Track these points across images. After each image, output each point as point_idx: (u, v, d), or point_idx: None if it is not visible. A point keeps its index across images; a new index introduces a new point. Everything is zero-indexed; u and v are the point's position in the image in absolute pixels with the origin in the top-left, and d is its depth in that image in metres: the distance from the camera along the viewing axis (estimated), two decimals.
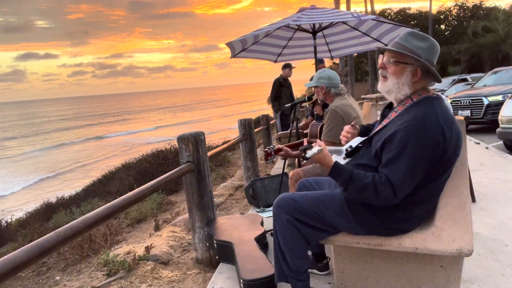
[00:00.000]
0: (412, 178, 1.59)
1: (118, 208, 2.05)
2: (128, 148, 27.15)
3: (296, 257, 1.87)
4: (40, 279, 3.75)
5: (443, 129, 1.57)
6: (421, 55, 1.64)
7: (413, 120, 1.59)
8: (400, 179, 1.57)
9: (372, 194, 1.61)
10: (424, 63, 1.64)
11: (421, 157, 1.56)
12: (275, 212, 1.90)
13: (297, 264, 1.87)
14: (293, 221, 1.84)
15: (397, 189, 1.58)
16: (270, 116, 7.57)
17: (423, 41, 1.67)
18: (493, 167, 5.07)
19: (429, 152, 1.56)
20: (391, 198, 1.60)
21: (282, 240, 1.88)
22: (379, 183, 1.59)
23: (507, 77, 9.89)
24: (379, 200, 1.62)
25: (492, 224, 3.08)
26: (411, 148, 1.55)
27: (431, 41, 1.68)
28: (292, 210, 1.84)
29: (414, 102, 1.68)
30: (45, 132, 46.98)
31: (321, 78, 2.90)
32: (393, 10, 35.91)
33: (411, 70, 1.67)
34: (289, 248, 1.87)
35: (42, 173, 21.32)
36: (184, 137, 2.87)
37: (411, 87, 1.69)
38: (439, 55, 1.74)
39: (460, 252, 1.72)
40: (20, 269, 1.38)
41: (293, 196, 1.89)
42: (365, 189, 1.62)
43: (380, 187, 1.59)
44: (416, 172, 1.58)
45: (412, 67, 1.67)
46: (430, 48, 1.66)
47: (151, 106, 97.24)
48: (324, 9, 4.82)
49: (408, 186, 1.60)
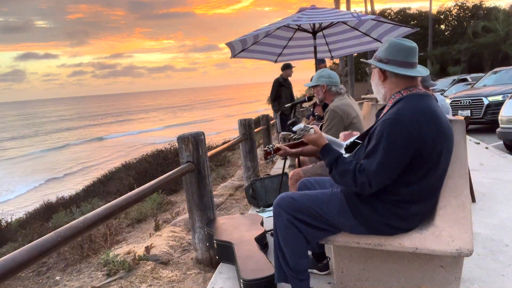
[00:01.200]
0: (386, 170, 1.64)
1: (118, 208, 2.05)
2: (135, 148, 27.01)
3: (296, 256, 1.88)
4: (40, 279, 3.74)
5: (419, 122, 1.62)
6: (380, 57, 1.80)
7: (390, 115, 1.68)
8: (374, 170, 1.65)
9: (351, 180, 1.71)
10: (378, 64, 1.80)
11: (393, 149, 1.62)
12: (275, 211, 1.91)
13: (297, 263, 1.88)
14: (293, 220, 1.86)
15: (371, 179, 1.66)
16: (270, 116, 7.57)
17: (384, 44, 1.82)
18: (493, 167, 5.07)
19: (402, 144, 1.62)
20: (366, 186, 1.68)
21: (282, 239, 1.89)
22: (358, 171, 1.69)
23: (507, 77, 9.89)
24: (356, 187, 1.71)
25: (492, 224, 3.08)
26: (384, 141, 1.64)
27: (390, 42, 1.79)
28: (292, 209, 1.86)
29: (397, 99, 1.76)
30: (51, 132, 46.71)
31: (322, 76, 2.91)
32: (393, 10, 35.96)
33: (377, 72, 1.85)
34: (289, 247, 1.88)
35: (49, 174, 21.22)
36: (184, 137, 2.87)
37: (383, 86, 1.84)
38: (439, 55, 1.78)
39: (460, 252, 1.72)
40: (20, 269, 1.38)
41: (293, 195, 1.90)
42: (346, 174, 1.72)
43: (358, 175, 1.69)
44: (389, 164, 1.64)
45: (376, 70, 1.85)
46: (388, 48, 1.78)
47: (154, 106, 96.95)
48: (324, 9, 4.82)
49: (382, 177, 1.66)
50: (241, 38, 4.75)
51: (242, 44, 5.16)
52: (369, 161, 1.67)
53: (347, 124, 2.74)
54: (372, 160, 1.66)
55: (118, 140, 34.51)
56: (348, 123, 2.75)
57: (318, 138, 1.88)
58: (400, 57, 1.75)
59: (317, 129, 1.91)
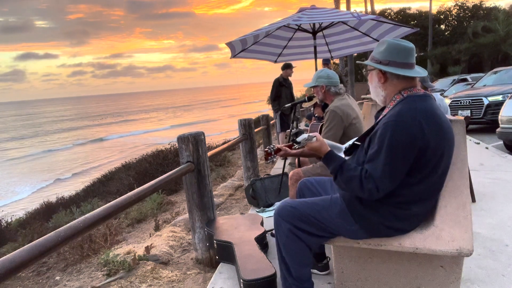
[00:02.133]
0: (392, 173, 1.63)
1: (118, 208, 2.05)
2: (139, 148, 26.81)
3: (299, 265, 1.88)
4: (40, 279, 3.75)
5: (421, 123, 1.61)
6: (379, 58, 1.77)
7: (391, 116, 1.66)
8: (380, 174, 1.63)
9: (358, 186, 1.68)
10: (378, 66, 1.77)
11: (397, 151, 1.61)
12: (275, 221, 1.91)
13: (299, 272, 1.88)
14: (294, 230, 1.85)
15: (378, 184, 1.63)
16: (270, 116, 7.57)
17: (381, 45, 1.80)
18: (493, 167, 5.07)
19: (405, 146, 1.60)
20: (374, 191, 1.65)
21: (284, 248, 1.89)
22: (364, 177, 1.66)
23: (507, 77, 9.89)
24: (363, 193, 1.68)
25: (492, 224, 3.08)
26: (387, 143, 1.62)
27: (388, 43, 1.77)
28: (293, 218, 1.85)
29: (397, 101, 1.74)
30: (53, 133, 46.50)
31: (320, 77, 2.90)
32: (393, 10, 35.94)
33: (376, 74, 1.82)
34: (292, 257, 1.87)
35: (61, 174, 21.15)
36: (184, 137, 2.87)
37: (383, 88, 1.81)
38: (439, 55, 1.78)
39: (460, 252, 1.72)
40: (20, 269, 1.38)
41: (292, 204, 1.90)
42: (352, 180, 1.69)
43: (364, 181, 1.66)
44: (395, 167, 1.62)
45: (375, 71, 1.82)
46: (388, 50, 1.76)
47: (156, 106, 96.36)
48: (324, 9, 4.82)
49: (389, 181, 1.64)
50: (241, 38, 4.75)
51: (242, 44, 5.16)
52: (374, 166, 1.64)
53: (347, 124, 2.74)
54: (376, 164, 1.64)
55: (121, 140, 34.30)
56: (348, 123, 2.74)
57: (321, 145, 1.86)
58: (400, 58, 1.74)
59: (319, 136, 1.90)
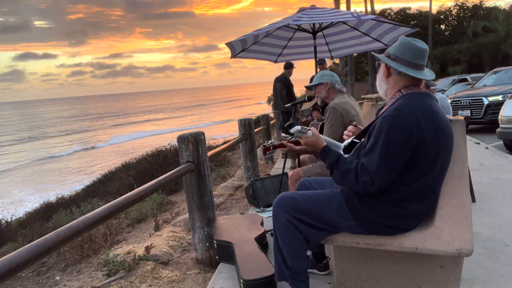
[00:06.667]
0: (388, 166, 1.63)
1: (118, 208, 2.05)
2: (153, 148, 26.39)
3: (295, 256, 1.88)
4: (40, 279, 3.75)
5: (418, 119, 1.62)
6: (389, 52, 1.80)
7: (389, 111, 1.68)
8: (375, 167, 1.63)
9: (353, 179, 1.69)
10: (384, 59, 1.79)
11: (393, 145, 1.62)
12: (274, 211, 1.91)
13: (295, 264, 1.88)
14: (293, 220, 1.86)
15: (374, 177, 1.64)
16: (270, 116, 7.56)
17: (398, 41, 1.82)
18: (493, 167, 5.07)
19: (402, 140, 1.61)
20: (369, 184, 1.66)
21: (281, 239, 1.89)
22: (359, 170, 1.67)
23: (507, 77, 9.89)
24: (358, 186, 1.69)
25: (492, 224, 3.08)
26: (383, 137, 1.63)
27: (402, 39, 1.79)
28: (291, 209, 1.86)
29: (397, 98, 1.76)
30: (67, 134, 46.10)
31: (325, 75, 3.01)
32: (393, 10, 35.91)
33: (383, 68, 1.86)
34: (288, 247, 1.88)
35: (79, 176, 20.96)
36: (184, 137, 2.87)
37: (386, 83, 1.85)
38: (439, 55, 1.79)
39: (460, 252, 1.72)
40: (20, 269, 1.38)
41: (292, 195, 1.90)
42: (348, 174, 1.70)
43: (360, 174, 1.67)
44: (391, 160, 1.63)
45: (383, 65, 1.86)
46: (399, 46, 1.78)
47: (158, 106, 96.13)
48: (324, 9, 4.82)
49: (385, 174, 1.64)
50: (241, 38, 4.75)
51: (242, 44, 5.16)
52: (370, 159, 1.66)
53: (347, 121, 2.76)
54: (372, 157, 1.65)
55: (130, 143, 33.79)
56: (348, 120, 2.77)
57: (316, 140, 1.88)
58: (407, 56, 1.75)
59: (315, 131, 1.91)
